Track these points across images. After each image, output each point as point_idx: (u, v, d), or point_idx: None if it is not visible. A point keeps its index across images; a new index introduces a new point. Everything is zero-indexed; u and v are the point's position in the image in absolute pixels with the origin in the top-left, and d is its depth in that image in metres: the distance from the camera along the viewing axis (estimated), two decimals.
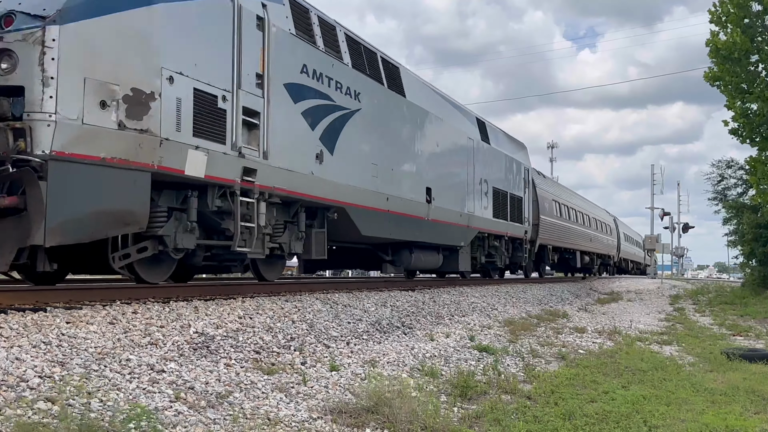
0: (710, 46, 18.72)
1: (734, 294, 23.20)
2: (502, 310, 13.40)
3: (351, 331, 8.08)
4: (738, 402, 6.23)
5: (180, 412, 4.31)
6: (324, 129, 10.25)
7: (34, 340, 4.95)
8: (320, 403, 5.16)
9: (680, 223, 52.03)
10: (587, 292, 23.78)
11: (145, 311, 6.57)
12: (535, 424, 5.21)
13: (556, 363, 8.26)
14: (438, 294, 12.95)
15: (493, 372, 7.03)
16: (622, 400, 6.02)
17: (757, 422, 5.50)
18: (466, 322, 10.83)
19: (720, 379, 7.36)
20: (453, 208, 15.37)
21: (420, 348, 7.94)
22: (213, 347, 6.00)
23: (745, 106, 19.01)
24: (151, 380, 4.76)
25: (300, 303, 8.73)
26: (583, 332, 11.42)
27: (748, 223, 25.21)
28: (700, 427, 5.25)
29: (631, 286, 29.54)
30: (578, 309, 16.82)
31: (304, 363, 6.29)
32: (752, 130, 19.15)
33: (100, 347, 5.17)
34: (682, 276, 56.95)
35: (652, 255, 54.44)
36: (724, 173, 34.46)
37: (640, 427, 5.24)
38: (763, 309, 16.93)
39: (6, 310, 5.77)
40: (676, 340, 10.86)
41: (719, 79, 19.07)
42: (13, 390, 4.03)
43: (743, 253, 27.57)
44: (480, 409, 5.57)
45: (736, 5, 17.96)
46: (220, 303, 7.77)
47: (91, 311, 6.18)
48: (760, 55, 18.40)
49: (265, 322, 7.31)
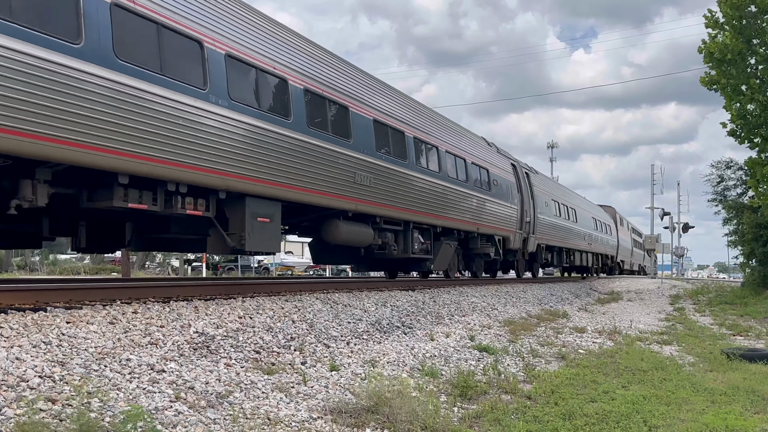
0: (703, 51, 18.81)
1: (734, 294, 23.19)
2: (502, 310, 13.40)
3: (351, 331, 8.08)
4: (738, 402, 6.23)
5: (180, 412, 4.31)
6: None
7: (34, 340, 4.95)
8: (320, 402, 5.16)
9: (680, 223, 51.99)
10: (587, 292, 23.78)
11: (145, 311, 6.57)
12: (535, 424, 5.21)
13: (556, 363, 8.26)
14: (438, 294, 12.95)
15: (493, 372, 7.03)
16: (622, 400, 6.02)
17: (757, 422, 5.50)
18: (466, 322, 10.83)
19: (720, 379, 7.36)
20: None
21: (420, 348, 7.94)
22: (213, 347, 6.00)
23: (742, 108, 19.04)
24: (151, 380, 4.77)
25: (300, 303, 8.73)
26: (583, 332, 11.42)
27: (748, 223, 25.20)
28: (700, 427, 5.25)
29: (631, 286, 29.53)
30: (578, 309, 16.82)
31: (304, 363, 6.30)
32: (750, 131, 19.18)
33: (100, 347, 5.17)
34: (682, 276, 56.90)
35: (653, 255, 54.18)
36: (724, 174, 34.43)
37: (640, 427, 5.24)
38: (763, 309, 16.93)
39: (6, 310, 5.77)
40: (676, 340, 10.86)
41: (716, 83, 19.12)
42: (13, 390, 4.03)
43: (743, 253, 27.56)
44: (480, 409, 5.58)
45: (731, 6, 17.99)
46: (221, 303, 7.77)
47: (91, 311, 6.18)
48: (756, 57, 18.44)
49: (265, 322, 7.31)
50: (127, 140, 7.00)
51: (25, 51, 5.99)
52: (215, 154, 8.12)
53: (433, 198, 14.41)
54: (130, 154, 7.07)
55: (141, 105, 7.16)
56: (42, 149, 6.24)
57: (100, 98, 6.69)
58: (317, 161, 10.18)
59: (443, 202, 14.97)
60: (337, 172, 10.76)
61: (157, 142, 7.35)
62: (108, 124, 6.78)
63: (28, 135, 6.07)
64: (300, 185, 9.79)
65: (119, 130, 6.92)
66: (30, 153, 6.24)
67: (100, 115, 6.69)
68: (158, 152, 7.37)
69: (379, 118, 12.45)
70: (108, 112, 6.77)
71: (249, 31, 9.18)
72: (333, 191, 10.67)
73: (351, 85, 11.82)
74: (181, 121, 7.63)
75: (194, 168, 7.86)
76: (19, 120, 6.00)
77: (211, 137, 8.05)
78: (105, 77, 6.74)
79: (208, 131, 8.01)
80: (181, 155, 7.66)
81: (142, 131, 7.15)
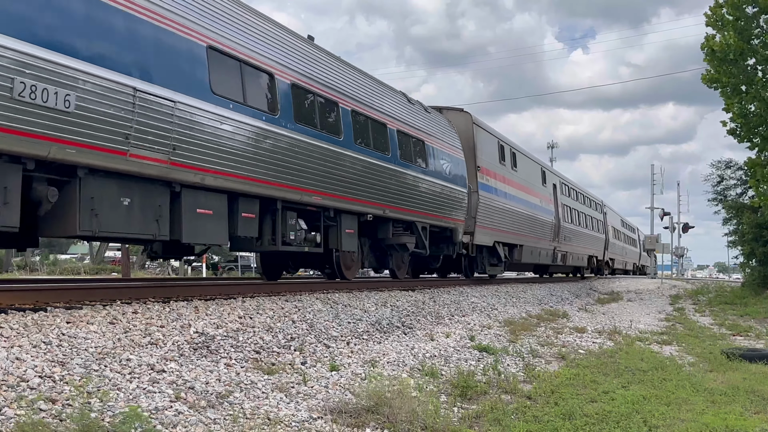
0: (706, 50, 18.79)
1: (734, 294, 23.19)
2: (502, 310, 13.40)
3: (351, 331, 8.09)
4: (738, 402, 6.23)
5: (180, 412, 4.31)
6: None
7: (34, 340, 4.96)
8: (320, 402, 5.16)
9: (680, 223, 51.98)
10: (587, 292, 23.80)
11: (145, 311, 6.57)
12: (535, 424, 5.21)
13: (556, 363, 8.26)
14: (438, 294, 12.96)
15: (493, 372, 7.03)
16: (622, 400, 6.01)
17: (757, 422, 5.50)
18: (466, 322, 10.83)
19: (720, 379, 7.36)
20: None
21: (420, 348, 7.94)
22: (213, 347, 6.01)
23: (743, 107, 19.06)
24: (151, 380, 4.77)
25: (300, 303, 8.73)
26: (583, 332, 11.42)
27: (748, 223, 25.19)
28: (700, 427, 5.25)
29: (631, 286, 29.55)
30: (578, 309, 16.82)
31: (305, 363, 6.29)
32: (750, 131, 19.20)
33: (101, 347, 5.17)
34: (682, 276, 56.87)
35: (652, 255, 53.69)
36: (724, 174, 34.46)
37: (640, 427, 5.24)
38: (763, 309, 16.93)
39: (6, 310, 5.77)
40: (676, 340, 10.86)
41: (716, 81, 19.13)
42: (13, 390, 4.03)
43: (743, 253, 27.56)
44: (480, 409, 5.57)
45: (731, 6, 18.00)
46: (221, 303, 7.77)
47: (91, 311, 6.18)
48: (756, 57, 18.44)
49: (266, 322, 7.31)
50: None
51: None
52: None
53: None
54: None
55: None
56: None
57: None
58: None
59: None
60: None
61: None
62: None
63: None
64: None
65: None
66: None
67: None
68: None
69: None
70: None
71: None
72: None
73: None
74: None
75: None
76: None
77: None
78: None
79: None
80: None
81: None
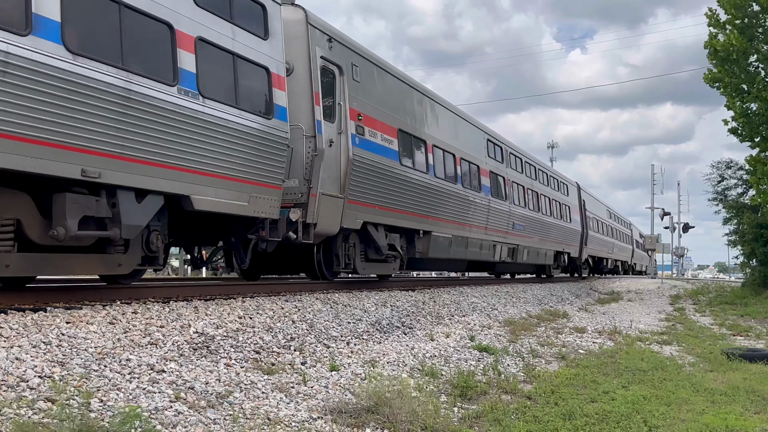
0: (709, 49, 18.79)
1: (734, 294, 23.19)
2: (502, 310, 13.40)
3: (351, 331, 8.08)
4: (738, 402, 6.23)
5: (180, 412, 4.31)
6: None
7: (34, 340, 4.95)
8: (320, 403, 5.16)
9: (680, 223, 51.99)
10: (587, 292, 23.79)
11: (145, 311, 6.57)
12: (535, 424, 5.21)
13: (557, 363, 8.26)
14: (438, 294, 12.95)
15: (493, 372, 7.03)
16: (622, 400, 6.01)
17: (757, 422, 5.50)
18: (466, 322, 10.83)
19: (720, 379, 7.36)
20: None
21: (420, 348, 7.93)
22: (213, 347, 6.00)
23: (745, 106, 19.06)
24: (151, 380, 4.76)
25: (300, 303, 8.73)
26: (583, 332, 11.42)
27: (749, 223, 25.19)
28: (700, 427, 5.25)
29: (631, 286, 29.54)
30: (578, 309, 16.82)
31: (304, 363, 6.29)
32: (752, 130, 19.20)
33: (100, 347, 5.17)
34: (682, 276, 56.87)
35: (651, 254, 53.26)
36: (724, 174, 34.44)
37: (640, 427, 5.24)
38: (763, 309, 16.93)
39: (6, 310, 5.77)
40: (677, 340, 10.86)
41: (719, 80, 19.13)
42: (13, 390, 4.03)
43: (743, 253, 27.56)
44: (480, 409, 5.57)
45: (733, 6, 18.00)
46: (220, 303, 7.77)
47: (91, 311, 6.18)
48: (758, 56, 18.45)
49: (265, 322, 7.30)
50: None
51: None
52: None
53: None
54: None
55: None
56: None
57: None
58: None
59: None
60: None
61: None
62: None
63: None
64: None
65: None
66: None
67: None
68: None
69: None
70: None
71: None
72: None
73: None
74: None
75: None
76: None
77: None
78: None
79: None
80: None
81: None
